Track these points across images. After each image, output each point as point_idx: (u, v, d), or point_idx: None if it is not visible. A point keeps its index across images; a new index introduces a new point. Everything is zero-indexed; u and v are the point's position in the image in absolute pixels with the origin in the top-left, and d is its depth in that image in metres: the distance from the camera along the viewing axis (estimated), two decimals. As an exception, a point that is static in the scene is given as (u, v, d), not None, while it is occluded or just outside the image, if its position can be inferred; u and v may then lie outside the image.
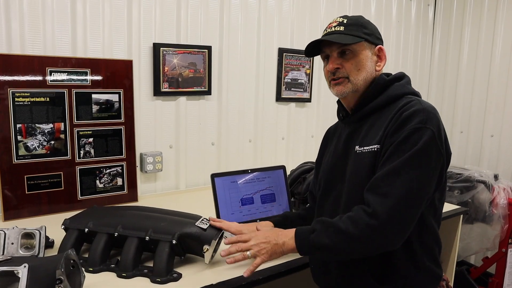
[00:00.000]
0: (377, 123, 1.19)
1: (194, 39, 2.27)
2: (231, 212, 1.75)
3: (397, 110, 1.15)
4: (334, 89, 1.25)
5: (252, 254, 1.19)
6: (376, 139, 1.16)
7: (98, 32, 1.99)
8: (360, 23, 1.24)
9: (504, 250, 2.61)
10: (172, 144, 2.30)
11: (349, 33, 1.20)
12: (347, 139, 1.28)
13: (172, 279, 1.29)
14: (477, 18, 3.23)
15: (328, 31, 1.24)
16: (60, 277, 1.06)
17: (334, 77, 1.24)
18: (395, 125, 1.12)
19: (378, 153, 1.14)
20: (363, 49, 1.22)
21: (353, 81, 1.21)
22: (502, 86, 3.07)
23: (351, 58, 1.21)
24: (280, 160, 2.70)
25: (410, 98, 1.19)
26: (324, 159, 1.42)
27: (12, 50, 1.79)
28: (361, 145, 1.20)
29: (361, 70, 1.21)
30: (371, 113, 1.23)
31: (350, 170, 1.22)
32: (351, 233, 1.06)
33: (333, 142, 1.38)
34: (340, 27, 1.22)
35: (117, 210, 1.56)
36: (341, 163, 1.27)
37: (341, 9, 2.87)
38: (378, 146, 1.14)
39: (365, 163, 1.16)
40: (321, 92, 2.88)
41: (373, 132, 1.19)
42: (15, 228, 1.37)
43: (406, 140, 1.08)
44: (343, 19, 1.24)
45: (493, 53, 3.13)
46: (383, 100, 1.21)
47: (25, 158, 1.79)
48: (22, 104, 1.76)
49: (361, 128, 1.24)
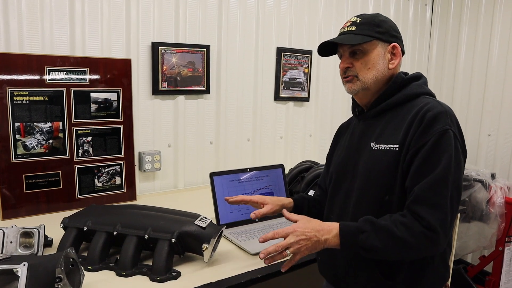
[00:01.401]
0: (394, 121, 1.21)
1: (192, 38, 2.28)
2: (230, 211, 1.75)
3: (417, 111, 1.16)
4: (345, 86, 1.28)
5: (291, 252, 1.13)
6: (395, 138, 1.17)
7: (97, 31, 1.99)
8: (373, 22, 1.24)
9: (501, 249, 2.62)
10: (171, 143, 2.31)
11: (360, 32, 1.22)
12: (361, 135, 1.29)
13: (171, 278, 1.30)
14: (474, 18, 3.24)
15: (342, 31, 1.27)
16: (59, 275, 1.06)
17: (345, 75, 1.26)
18: (420, 127, 1.12)
19: (398, 153, 1.15)
20: (374, 48, 1.23)
21: (362, 80, 1.23)
22: (499, 85, 3.08)
23: (361, 58, 1.23)
24: (278, 159, 2.71)
25: (428, 99, 1.20)
26: (336, 153, 1.43)
27: (11, 49, 1.78)
28: (377, 142, 1.21)
29: (371, 69, 1.23)
30: (387, 110, 1.24)
31: (364, 166, 1.23)
32: (408, 241, 1.06)
33: (346, 137, 1.39)
34: (352, 27, 1.24)
35: (116, 208, 1.56)
36: (354, 158, 1.28)
37: (339, 9, 2.87)
38: (398, 146, 1.16)
39: (382, 161, 1.18)
40: (319, 91, 2.88)
41: (390, 130, 1.20)
42: (14, 227, 1.37)
43: (438, 145, 1.09)
44: (357, 19, 1.26)
45: (490, 52, 3.14)
46: (400, 98, 1.23)
47: (23, 157, 1.78)
48: (20, 103, 1.76)
49: (377, 125, 1.25)
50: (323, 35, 2.82)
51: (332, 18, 2.85)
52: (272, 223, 1.79)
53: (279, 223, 1.79)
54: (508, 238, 2.62)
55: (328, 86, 2.92)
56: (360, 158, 1.26)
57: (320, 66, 2.85)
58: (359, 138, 1.29)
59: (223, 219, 1.72)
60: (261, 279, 1.35)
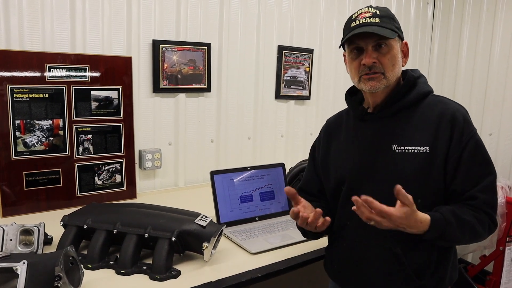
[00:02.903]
0: (413, 121, 1.18)
1: (193, 36, 2.27)
2: (231, 209, 1.75)
3: (442, 112, 1.15)
4: (366, 84, 1.18)
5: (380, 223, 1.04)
6: (422, 141, 1.15)
7: (98, 28, 1.98)
8: (391, 15, 1.20)
9: (501, 249, 2.62)
10: (171, 141, 2.30)
11: (385, 26, 1.15)
12: (376, 136, 1.22)
13: (171, 276, 1.29)
14: (476, 17, 3.23)
15: (362, 21, 1.17)
16: (59, 273, 1.06)
17: (370, 71, 1.17)
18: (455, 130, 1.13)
19: (429, 156, 1.13)
20: (395, 44, 1.18)
21: (388, 77, 1.17)
22: (501, 85, 3.07)
23: (387, 53, 1.16)
24: (279, 158, 2.70)
25: (439, 97, 1.21)
26: (336, 156, 1.32)
27: (11, 46, 1.78)
28: (400, 144, 1.17)
29: (395, 65, 1.18)
30: (401, 110, 1.20)
31: (388, 169, 1.18)
32: (482, 235, 1.14)
33: (347, 138, 1.30)
34: (376, 18, 1.16)
35: (116, 207, 1.56)
36: (371, 161, 1.21)
37: (341, 7, 2.87)
38: (428, 149, 1.14)
39: (411, 164, 1.14)
40: (320, 89, 2.87)
41: (412, 131, 1.17)
42: (13, 225, 1.37)
43: (478, 147, 1.15)
44: (375, 10, 1.18)
45: (492, 52, 3.13)
46: (414, 97, 1.19)
47: (23, 154, 1.78)
48: (21, 100, 1.75)
49: (392, 125, 1.20)
50: (324, 34, 2.82)
51: (334, 17, 2.84)
52: (273, 222, 1.78)
53: (279, 222, 1.79)
54: (509, 238, 2.61)
55: (329, 85, 2.91)
56: (380, 161, 1.19)
57: (321, 65, 2.84)
58: (374, 139, 1.22)
59: (223, 217, 1.72)
60: (261, 278, 1.34)
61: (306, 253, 1.51)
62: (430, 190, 1.14)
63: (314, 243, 1.60)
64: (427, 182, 1.14)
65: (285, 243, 1.58)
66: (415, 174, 1.14)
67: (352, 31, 1.16)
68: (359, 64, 1.18)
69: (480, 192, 1.12)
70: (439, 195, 1.16)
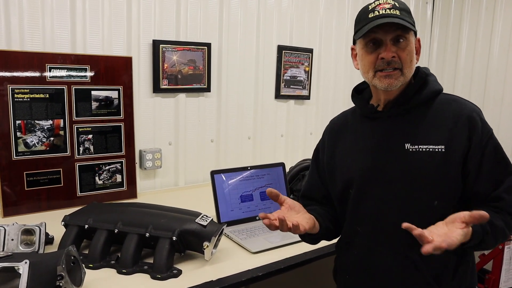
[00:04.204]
0: (426, 120, 1.12)
1: (193, 36, 2.27)
2: (231, 209, 1.76)
3: (458, 111, 1.11)
4: (383, 82, 1.10)
5: None
6: (436, 139, 1.09)
7: (98, 28, 1.98)
8: (408, 9, 1.13)
9: (501, 247, 2.62)
10: (171, 141, 2.31)
11: (406, 19, 1.08)
12: (386, 135, 1.16)
13: (172, 276, 1.30)
14: (475, 16, 3.24)
15: (382, 12, 1.09)
16: (61, 273, 1.06)
17: (389, 67, 1.09)
18: (475, 132, 1.08)
19: (445, 155, 1.08)
20: (412, 39, 1.12)
21: (406, 74, 1.10)
22: (500, 83, 3.08)
23: (405, 48, 1.09)
24: (279, 157, 2.70)
25: (451, 96, 1.17)
26: (343, 156, 1.24)
27: (12, 46, 1.78)
28: (414, 143, 1.10)
29: (412, 61, 1.11)
30: (413, 107, 1.14)
31: (403, 169, 1.11)
32: (507, 237, 1.11)
33: (354, 138, 1.23)
34: (395, 10, 1.09)
35: (117, 206, 1.57)
36: (382, 161, 1.14)
37: (340, 7, 2.87)
38: (443, 148, 1.08)
39: (427, 163, 1.09)
40: (320, 89, 2.88)
41: (426, 130, 1.11)
42: (15, 225, 1.37)
43: (497, 147, 1.11)
44: (394, 2, 1.11)
45: (491, 50, 3.14)
46: (427, 95, 1.14)
47: (24, 154, 1.79)
48: (21, 100, 1.76)
49: (403, 123, 1.15)
50: (324, 34, 2.82)
51: (333, 16, 2.84)
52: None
53: (279, 221, 1.79)
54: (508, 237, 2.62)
55: (329, 84, 2.92)
56: (392, 161, 1.13)
57: (321, 64, 2.85)
58: (385, 138, 1.16)
59: (224, 217, 1.72)
60: (261, 277, 1.35)
61: (306, 253, 1.52)
62: (446, 190, 1.09)
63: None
64: (444, 182, 1.08)
65: (285, 243, 1.58)
66: (431, 173, 1.08)
67: (373, 22, 1.07)
68: (376, 58, 1.10)
69: (505, 193, 1.08)
70: (456, 196, 1.10)
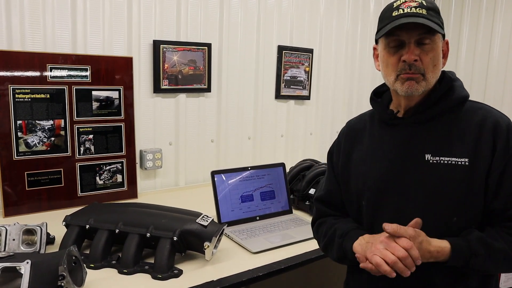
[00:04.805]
0: (450, 129, 1.04)
1: (194, 37, 2.28)
2: (231, 209, 1.76)
3: (482, 120, 1.02)
4: (403, 85, 1.02)
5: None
6: (460, 151, 1.01)
7: (98, 28, 1.99)
8: (437, 9, 1.04)
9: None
10: (172, 141, 2.31)
11: (433, 19, 1.00)
12: (406, 144, 1.08)
13: (173, 275, 1.30)
14: (475, 17, 3.24)
15: (407, 11, 1.01)
16: (62, 273, 1.07)
17: (410, 71, 1.01)
18: (499, 142, 0.99)
19: (468, 169, 0.99)
20: (439, 42, 1.03)
21: (428, 79, 1.02)
22: (500, 84, 3.09)
23: (430, 51, 1.01)
24: (279, 158, 2.71)
25: (479, 104, 1.09)
26: (360, 163, 1.16)
27: (13, 47, 1.78)
28: (435, 154, 1.03)
29: (436, 66, 1.03)
30: (437, 116, 1.06)
31: (421, 182, 1.03)
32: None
33: (372, 144, 1.15)
34: (422, 9, 1.00)
35: (118, 206, 1.57)
36: (400, 171, 1.07)
37: (341, 7, 2.87)
38: (467, 161, 1.00)
39: (448, 177, 1.01)
40: (320, 89, 2.88)
41: (450, 140, 1.03)
42: (16, 225, 1.38)
43: None
44: (421, 0, 1.03)
45: (491, 51, 3.14)
46: (452, 102, 1.06)
47: (25, 154, 1.79)
48: (22, 100, 1.76)
49: (426, 132, 1.06)
50: (324, 34, 2.82)
51: (333, 17, 2.85)
52: (273, 222, 1.79)
53: (280, 221, 1.80)
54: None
55: (329, 85, 2.92)
56: (411, 172, 1.05)
57: (321, 65, 2.85)
58: (404, 147, 1.08)
59: (224, 217, 1.73)
60: (262, 277, 1.35)
61: (306, 253, 1.52)
62: (467, 207, 1.01)
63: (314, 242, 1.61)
64: (465, 198, 1.00)
65: (285, 243, 1.59)
66: (451, 188, 1.00)
67: (396, 21, 1.00)
68: (398, 60, 1.03)
69: None
70: (477, 214, 1.02)
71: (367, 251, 1.00)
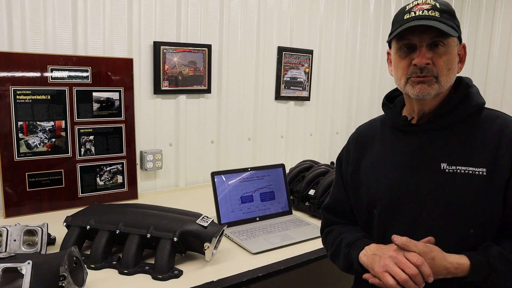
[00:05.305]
0: (467, 137, 1.01)
1: (194, 38, 2.28)
2: (231, 210, 1.77)
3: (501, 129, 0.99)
4: (415, 88, 1.00)
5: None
6: (478, 160, 0.98)
7: (99, 30, 1.99)
8: (452, 11, 1.02)
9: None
10: (172, 142, 2.32)
11: (446, 22, 0.98)
12: (420, 152, 1.04)
13: (173, 276, 1.31)
14: (474, 17, 3.25)
15: (419, 14, 0.99)
16: (63, 273, 1.08)
17: (422, 74, 0.99)
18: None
19: (486, 179, 0.96)
20: (454, 45, 1.01)
21: (442, 83, 1.00)
22: (499, 85, 3.10)
23: (444, 54, 0.99)
24: (279, 159, 2.72)
25: (495, 111, 1.06)
26: (370, 171, 1.13)
27: (14, 48, 1.79)
28: (451, 163, 0.99)
29: (451, 70, 1.01)
30: (453, 123, 1.04)
31: (436, 191, 1.00)
32: None
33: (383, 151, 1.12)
34: (435, 12, 0.98)
35: (119, 207, 1.58)
36: (414, 180, 1.03)
37: (340, 8, 2.88)
38: (485, 171, 0.96)
39: (465, 187, 0.97)
40: (320, 90, 2.89)
41: (467, 149, 1.00)
42: (17, 225, 1.39)
43: None
44: (435, 2, 1.00)
45: (491, 51, 3.15)
46: (469, 110, 1.03)
47: (26, 155, 1.80)
48: (23, 101, 1.77)
49: (442, 140, 1.03)
50: (324, 35, 2.83)
51: (333, 18, 2.85)
52: (273, 222, 1.80)
53: (279, 222, 1.80)
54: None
55: (328, 86, 2.93)
56: (425, 181, 1.02)
57: (321, 66, 2.86)
58: (418, 155, 1.04)
59: (224, 218, 1.73)
60: (261, 277, 1.36)
61: (306, 253, 1.53)
62: (485, 219, 0.97)
63: (314, 243, 1.62)
64: (483, 209, 0.97)
65: (285, 243, 1.60)
66: (468, 199, 0.97)
67: (406, 24, 0.98)
68: (409, 64, 1.01)
69: None
70: (495, 226, 0.98)
71: (375, 264, 0.97)
